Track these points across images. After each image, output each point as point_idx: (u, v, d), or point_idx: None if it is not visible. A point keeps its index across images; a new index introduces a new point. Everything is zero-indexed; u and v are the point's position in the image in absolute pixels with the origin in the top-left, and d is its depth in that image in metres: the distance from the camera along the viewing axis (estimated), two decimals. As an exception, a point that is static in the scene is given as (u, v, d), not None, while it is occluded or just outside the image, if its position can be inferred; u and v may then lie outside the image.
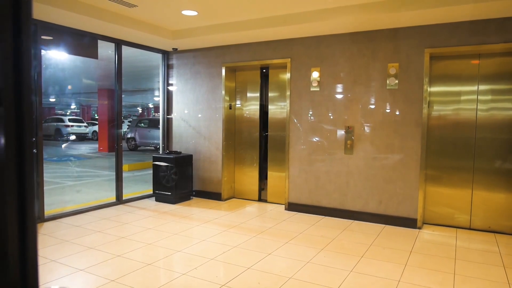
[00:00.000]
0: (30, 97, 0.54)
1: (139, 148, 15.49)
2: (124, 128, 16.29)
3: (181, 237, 4.31)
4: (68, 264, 3.45)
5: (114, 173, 5.95)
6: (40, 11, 4.37)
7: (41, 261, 3.53)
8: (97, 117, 19.95)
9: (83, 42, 5.41)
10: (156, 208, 5.67)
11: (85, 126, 21.36)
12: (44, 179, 4.87)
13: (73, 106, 28.36)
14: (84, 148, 16.67)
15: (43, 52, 5.06)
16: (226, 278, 3.21)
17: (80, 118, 23.73)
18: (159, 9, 4.75)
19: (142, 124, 15.71)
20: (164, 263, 3.58)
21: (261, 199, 6.24)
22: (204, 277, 3.22)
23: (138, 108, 30.46)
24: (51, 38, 5.05)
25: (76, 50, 5.55)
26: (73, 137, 20.01)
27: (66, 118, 21.39)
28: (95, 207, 5.57)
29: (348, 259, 3.66)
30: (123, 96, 5.95)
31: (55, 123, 20.08)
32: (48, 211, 5.08)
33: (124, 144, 14.06)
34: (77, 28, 5.06)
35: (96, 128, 20.14)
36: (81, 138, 20.58)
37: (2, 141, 0.54)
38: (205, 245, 4.03)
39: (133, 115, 29.05)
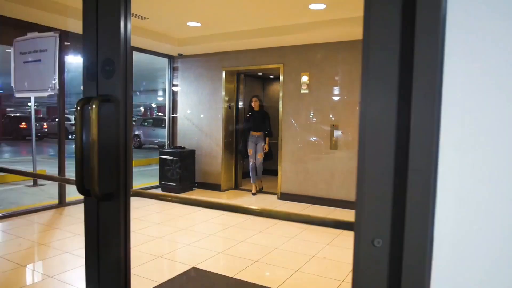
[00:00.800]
0: (130, 98, 1.21)
1: (143, 146, 16.17)
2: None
3: (186, 219, 4.98)
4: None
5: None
6: (64, 22, 5.05)
7: (67, 234, 4.21)
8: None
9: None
10: (162, 197, 6.35)
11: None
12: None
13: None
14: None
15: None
16: (223, 248, 3.88)
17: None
18: (167, 21, 5.43)
19: (146, 123, 16.40)
20: (171, 237, 4.25)
21: (257, 190, 6.90)
22: (205, 247, 3.89)
23: (140, 108, 31.16)
24: (68, 43, 5.72)
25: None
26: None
27: (72, 117, 22.05)
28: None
29: (328, 236, 4.32)
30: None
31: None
32: (69, 198, 5.75)
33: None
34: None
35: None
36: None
37: (113, 130, 1.20)
38: (206, 225, 4.71)
39: (136, 115, 29.74)
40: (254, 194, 6.53)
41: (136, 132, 16.15)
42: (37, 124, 19.77)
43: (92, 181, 1.17)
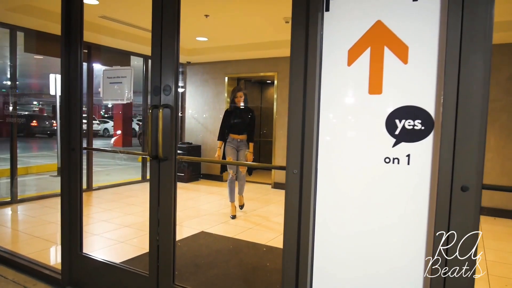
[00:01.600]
0: (178, 106, 2.24)
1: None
2: (133, 126, 17.88)
3: (193, 200, 6.01)
4: (116, 210, 5.16)
5: (133, 162, 7.67)
6: (92, 36, 6.10)
7: (98, 210, 5.24)
8: (106, 116, 21.62)
9: (119, 57, 7.14)
10: (172, 185, 7.40)
11: (97, 123, 23.09)
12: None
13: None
14: (100, 143, 18.37)
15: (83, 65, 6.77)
16: (223, 219, 4.91)
17: (94, 116, 25.44)
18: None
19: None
20: (183, 213, 5.28)
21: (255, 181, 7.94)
22: (209, 218, 4.92)
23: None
24: (100, 57, 6.76)
25: (113, 63, 7.29)
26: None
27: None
28: (125, 183, 7.29)
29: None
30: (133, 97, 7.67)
31: (71, 120, 21.67)
32: (94, 184, 6.80)
33: (135, 141, 15.75)
34: (115, 47, 6.79)
35: (106, 125, 21.97)
36: (93, 134, 22.23)
37: (169, 122, 2.24)
38: (210, 205, 5.74)
39: (139, 114, 30.80)
40: (233, 217, 4.98)
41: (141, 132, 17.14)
42: (47, 122, 20.77)
43: (159, 150, 2.19)
